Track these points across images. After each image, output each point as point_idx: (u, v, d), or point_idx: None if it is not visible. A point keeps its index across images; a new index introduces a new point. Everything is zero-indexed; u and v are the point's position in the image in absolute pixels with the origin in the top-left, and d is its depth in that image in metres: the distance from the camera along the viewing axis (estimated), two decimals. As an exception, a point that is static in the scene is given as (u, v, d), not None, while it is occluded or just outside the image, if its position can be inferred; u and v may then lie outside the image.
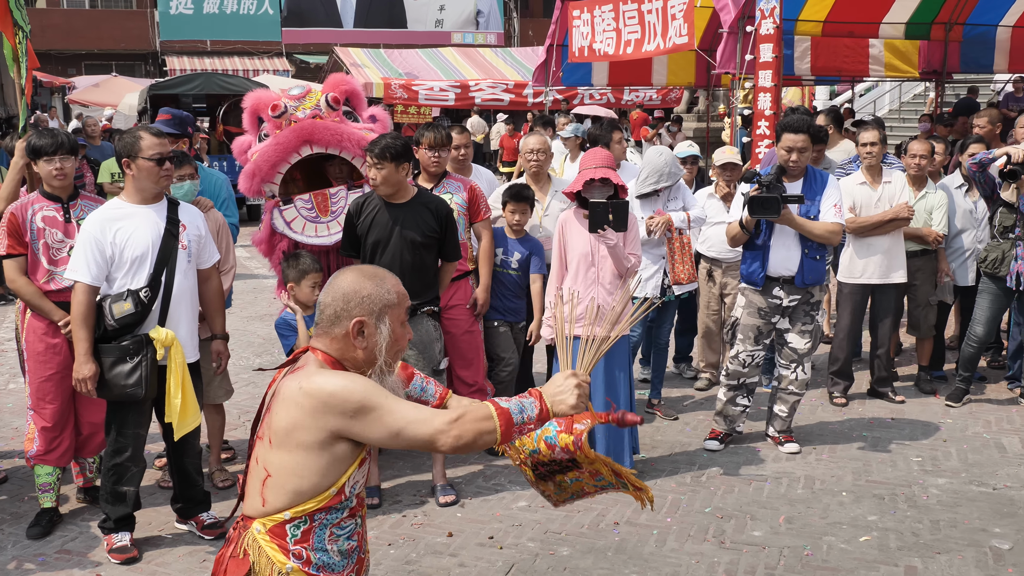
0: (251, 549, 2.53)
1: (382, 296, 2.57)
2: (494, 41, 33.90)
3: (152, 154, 4.50)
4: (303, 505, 2.50)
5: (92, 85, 27.49)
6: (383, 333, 2.56)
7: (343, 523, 2.58)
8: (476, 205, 5.73)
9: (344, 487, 2.54)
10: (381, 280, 2.61)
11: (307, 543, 2.53)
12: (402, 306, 2.63)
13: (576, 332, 5.24)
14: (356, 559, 2.65)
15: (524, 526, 4.94)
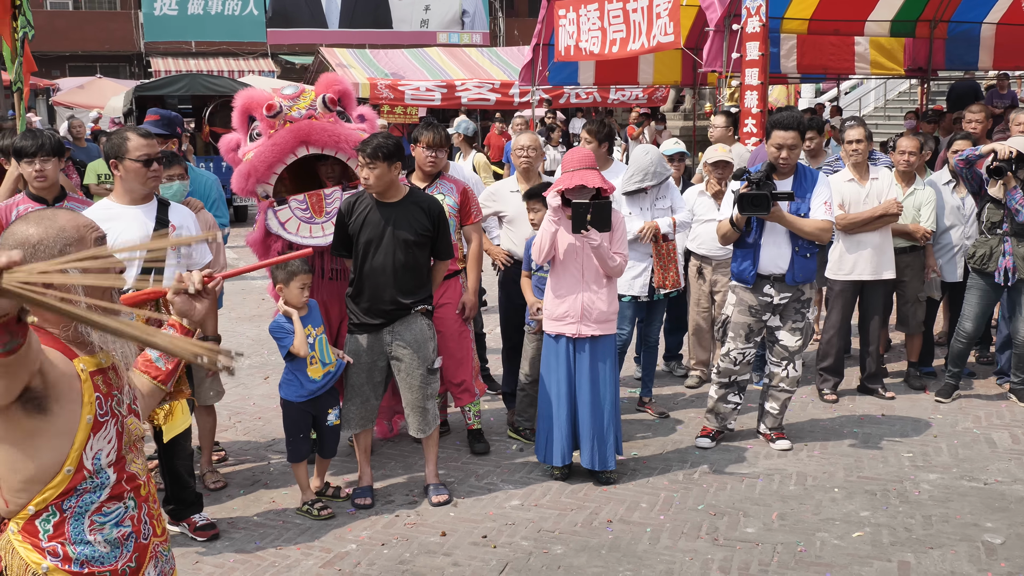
0: (4, 551, 2.28)
1: (57, 237, 2.22)
2: (480, 41, 33.87)
3: (139, 155, 4.49)
4: (42, 494, 2.21)
5: (77, 87, 27.34)
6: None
7: (105, 508, 2.29)
8: (468, 207, 5.73)
9: (83, 462, 2.22)
10: (50, 220, 2.25)
11: (62, 537, 2.25)
12: (86, 239, 2.26)
13: (562, 331, 5.31)
14: (134, 546, 2.35)
15: (517, 525, 4.94)
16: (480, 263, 5.85)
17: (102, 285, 1.96)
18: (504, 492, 5.36)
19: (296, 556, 4.65)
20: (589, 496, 5.28)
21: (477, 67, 24.77)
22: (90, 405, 2.22)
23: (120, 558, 2.31)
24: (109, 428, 2.28)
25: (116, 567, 2.30)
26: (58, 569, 2.25)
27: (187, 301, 2.52)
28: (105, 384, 2.29)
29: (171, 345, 1.87)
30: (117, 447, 2.31)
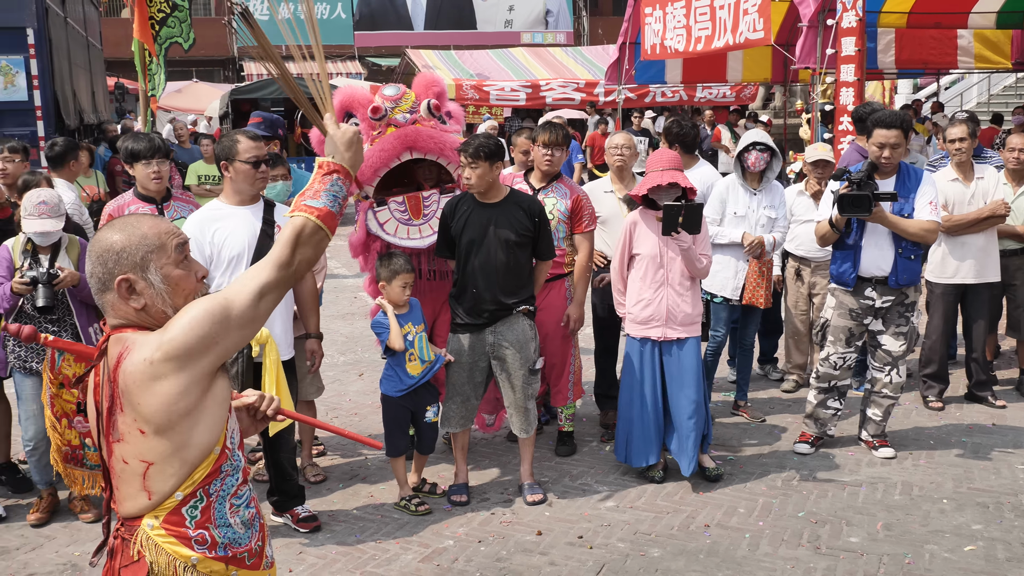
0: (147, 549, 2.28)
1: (138, 244, 2.27)
2: (563, 40, 33.87)
3: (248, 157, 4.60)
4: (192, 476, 2.27)
5: (175, 91, 28.08)
6: (155, 282, 2.27)
7: (240, 491, 2.38)
8: (580, 214, 5.70)
9: (226, 441, 2.31)
10: (133, 227, 2.29)
11: (209, 521, 2.31)
12: (167, 245, 2.30)
13: (647, 334, 5.28)
14: (259, 527, 2.45)
15: (613, 526, 4.92)
16: (589, 273, 5.79)
17: None
18: (599, 493, 5.34)
19: (395, 550, 4.71)
20: (685, 500, 5.23)
21: (561, 67, 24.76)
22: (225, 380, 2.33)
23: (252, 538, 2.40)
24: (234, 411, 2.41)
25: (251, 546, 2.40)
26: (206, 558, 2.31)
27: (247, 420, 2.59)
28: None
29: None
30: (240, 431, 2.45)
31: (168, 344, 2.16)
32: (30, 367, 4.94)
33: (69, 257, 4.97)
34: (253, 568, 2.39)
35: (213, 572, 2.31)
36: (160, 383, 2.17)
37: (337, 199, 2.36)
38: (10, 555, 4.71)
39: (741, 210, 6.24)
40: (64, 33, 11.54)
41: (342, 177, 2.40)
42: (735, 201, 6.27)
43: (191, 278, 2.33)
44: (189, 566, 2.29)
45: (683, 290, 5.28)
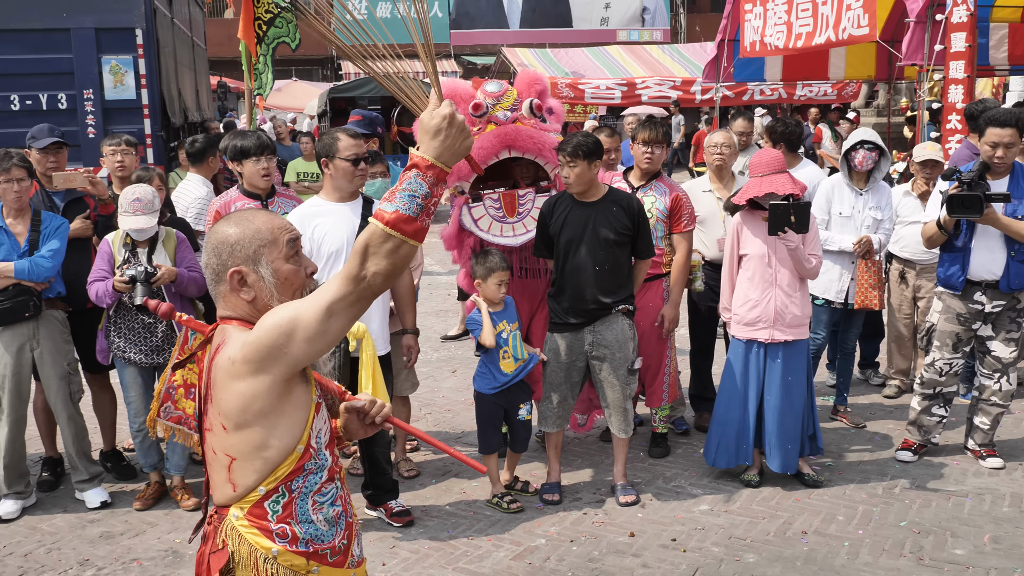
0: (230, 539, 2.34)
1: (251, 237, 2.31)
2: (660, 38, 33.53)
3: (348, 155, 4.67)
4: (275, 473, 2.30)
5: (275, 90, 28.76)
6: (266, 276, 2.31)
7: (324, 488, 2.38)
8: (679, 213, 5.64)
9: (310, 441, 2.33)
10: (248, 220, 2.34)
11: (291, 517, 2.34)
12: (279, 241, 2.34)
13: (753, 336, 5.18)
14: (345, 525, 2.44)
15: (707, 530, 4.85)
16: (687, 273, 5.72)
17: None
18: (694, 496, 5.27)
19: (487, 547, 4.72)
20: (782, 505, 5.13)
21: (658, 64, 24.53)
22: (314, 386, 2.37)
23: (336, 536, 2.40)
24: (323, 410, 2.41)
25: (334, 544, 2.40)
26: (287, 551, 2.33)
27: (356, 423, 2.59)
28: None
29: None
30: (331, 428, 2.45)
31: (247, 347, 2.20)
32: (128, 357, 5.10)
33: (166, 250, 5.12)
34: (336, 566, 2.40)
35: (293, 566, 2.34)
36: (238, 383, 2.23)
37: (415, 198, 2.13)
38: (115, 540, 4.88)
39: (847, 210, 6.09)
40: (171, 33, 11.89)
41: (422, 172, 2.17)
42: (840, 201, 6.12)
43: (300, 274, 2.36)
44: (269, 558, 2.32)
45: (792, 291, 5.17)
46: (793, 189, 5.00)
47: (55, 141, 5.39)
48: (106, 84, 9.97)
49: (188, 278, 5.11)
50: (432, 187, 2.16)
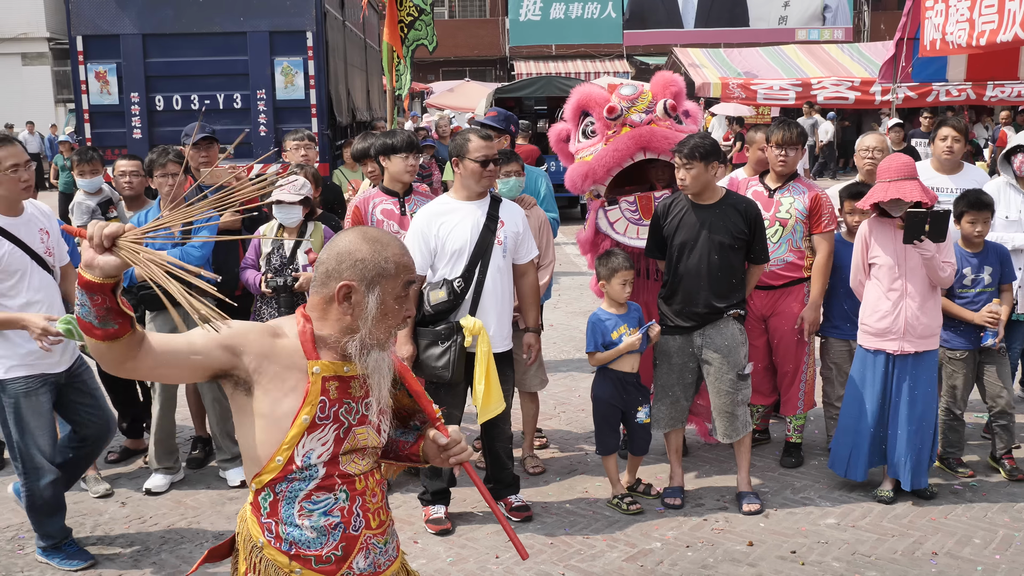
0: (240, 520, 2.50)
1: (378, 263, 2.35)
2: (841, 37, 32.36)
3: (478, 156, 4.78)
4: (259, 476, 2.38)
5: (447, 90, 29.52)
6: (371, 303, 2.34)
7: (314, 496, 2.40)
8: (819, 213, 5.49)
9: (294, 457, 2.36)
10: (382, 246, 2.38)
11: (276, 516, 2.40)
12: (399, 279, 2.38)
13: (882, 347, 4.97)
14: (341, 536, 2.43)
15: (830, 544, 4.70)
16: (827, 275, 5.54)
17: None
18: (820, 508, 5.12)
19: (601, 547, 4.74)
20: (914, 523, 4.91)
21: (836, 64, 23.69)
22: (311, 406, 2.36)
23: (325, 545, 2.41)
24: (327, 432, 2.39)
25: (320, 553, 2.41)
26: (269, 546, 2.41)
27: (434, 451, 2.61)
28: (339, 391, 2.41)
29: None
30: (333, 451, 2.41)
31: None
32: None
33: (313, 244, 5.37)
34: (323, 573, 2.42)
35: (276, 561, 2.42)
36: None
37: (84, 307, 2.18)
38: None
39: (1013, 214, 5.79)
40: (341, 36, 12.41)
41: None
42: (1007, 204, 5.82)
43: (400, 315, 2.41)
44: (256, 546, 2.43)
45: (924, 301, 4.95)
46: (922, 197, 4.77)
47: (205, 136, 5.75)
48: (277, 84, 10.53)
49: None
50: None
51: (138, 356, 2.25)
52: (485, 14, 37.35)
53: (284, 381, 2.36)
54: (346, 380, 2.42)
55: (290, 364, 2.37)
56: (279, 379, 2.36)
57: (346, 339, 2.38)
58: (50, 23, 30.28)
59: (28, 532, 5.03)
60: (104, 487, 5.51)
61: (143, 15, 10.48)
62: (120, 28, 10.47)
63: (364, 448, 2.48)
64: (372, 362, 2.38)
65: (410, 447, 2.66)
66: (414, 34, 8.40)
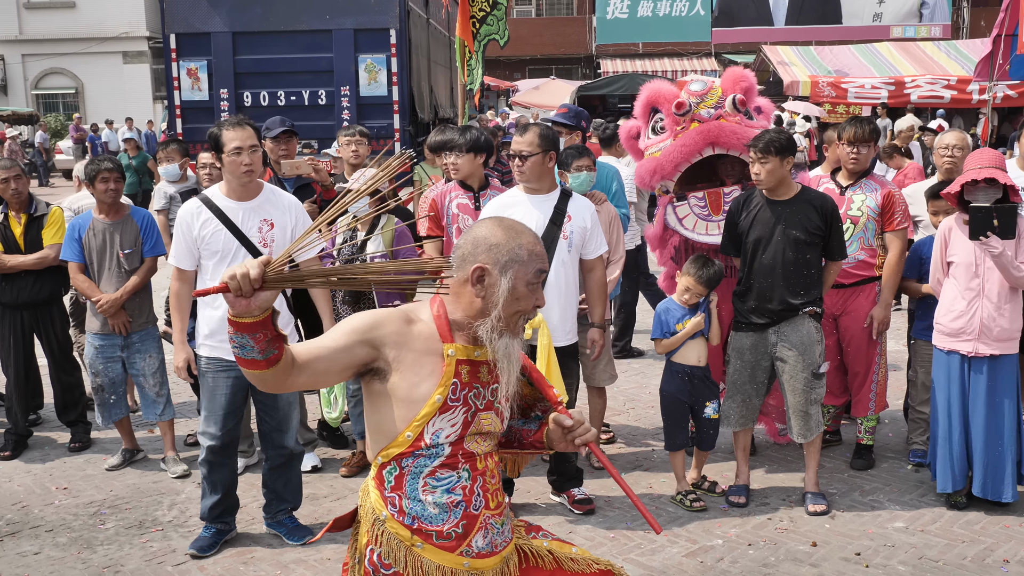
0: (362, 493, 2.59)
1: (511, 249, 2.46)
2: (939, 34, 31.43)
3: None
4: (387, 448, 2.49)
5: (532, 88, 29.63)
6: (502, 287, 2.44)
7: (438, 473, 2.49)
8: (891, 211, 5.40)
9: (423, 434, 2.46)
10: (517, 233, 2.50)
11: (400, 490, 2.49)
12: (531, 266, 2.48)
13: (956, 347, 4.85)
14: (463, 514, 2.51)
15: (897, 548, 4.62)
16: (899, 275, 5.45)
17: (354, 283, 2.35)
18: (888, 511, 5.03)
19: (662, 542, 4.74)
20: (986, 530, 4.79)
21: (931, 62, 23.06)
22: (444, 387, 2.47)
23: (447, 522, 2.50)
24: (456, 414, 2.49)
25: (442, 529, 2.50)
26: (392, 519, 2.51)
27: (558, 435, 2.66)
28: (470, 375, 2.51)
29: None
30: (460, 432, 2.51)
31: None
32: None
33: (383, 237, 5.47)
34: (444, 549, 2.50)
35: (398, 534, 2.51)
36: None
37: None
38: (318, 502, 5.30)
39: None
40: (425, 33, 12.59)
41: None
42: None
43: (531, 301, 2.50)
44: (379, 519, 2.52)
45: (1001, 302, 4.82)
46: (1010, 181, 4.65)
47: (285, 130, 5.89)
48: (361, 81, 10.74)
49: None
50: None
51: (293, 372, 2.37)
52: (572, 12, 37.34)
53: (422, 367, 2.46)
54: (476, 365, 2.52)
55: (426, 349, 2.48)
56: (417, 365, 2.46)
57: (478, 323, 2.48)
58: (150, 22, 31.34)
59: (109, 508, 5.26)
60: (182, 468, 5.72)
61: (233, 14, 10.80)
62: (211, 26, 10.80)
63: (487, 432, 2.58)
64: (502, 347, 2.48)
65: (533, 435, 2.74)
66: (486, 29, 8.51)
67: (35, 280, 6.04)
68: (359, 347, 2.43)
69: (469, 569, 2.52)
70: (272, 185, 4.83)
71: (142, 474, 5.78)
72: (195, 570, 4.59)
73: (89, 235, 5.66)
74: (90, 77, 32.64)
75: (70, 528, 5.04)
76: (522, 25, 36.34)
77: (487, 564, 2.57)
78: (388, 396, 2.47)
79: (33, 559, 4.72)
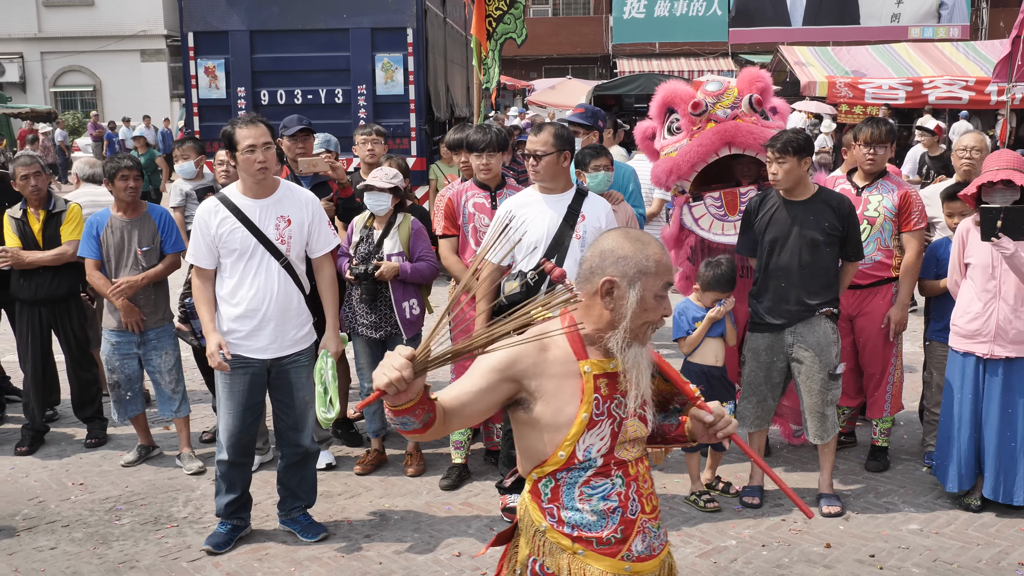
0: (520, 507, 2.64)
1: (639, 261, 2.47)
2: (957, 35, 31.28)
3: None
4: (540, 467, 2.53)
5: (548, 87, 29.58)
6: (631, 298, 2.45)
7: (592, 482, 2.52)
8: (908, 211, 5.39)
9: (575, 452, 2.49)
10: (643, 245, 2.50)
11: (557, 501, 2.54)
12: (660, 277, 2.49)
13: (971, 349, 4.83)
14: (620, 520, 2.54)
15: (911, 550, 4.60)
16: (916, 275, 5.44)
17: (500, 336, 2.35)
18: (903, 514, 5.01)
19: (675, 542, 4.73)
20: (1001, 533, 4.76)
21: (950, 63, 22.92)
22: (587, 405, 2.50)
23: (606, 528, 2.53)
24: (603, 427, 2.52)
25: (601, 535, 2.54)
26: (553, 529, 2.56)
27: (700, 429, 2.68)
28: (608, 387, 2.53)
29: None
30: (610, 444, 2.54)
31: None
32: (356, 328, 5.51)
33: (399, 236, 5.48)
34: (604, 555, 2.54)
35: (559, 543, 2.55)
36: None
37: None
38: (332, 499, 5.32)
39: None
40: (442, 32, 12.59)
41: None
42: None
43: (658, 312, 2.51)
44: (539, 530, 2.57)
45: (1018, 304, 4.79)
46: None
47: (302, 128, 5.90)
48: (378, 80, 10.74)
49: (412, 271, 5.44)
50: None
51: (446, 422, 2.45)
52: (589, 12, 37.29)
53: (563, 391, 2.51)
54: (613, 376, 2.54)
55: (564, 373, 2.51)
56: (558, 391, 2.50)
57: (608, 335, 2.51)
58: (167, 21, 31.48)
59: (125, 504, 5.30)
60: (197, 464, 5.75)
61: (251, 12, 10.82)
62: (229, 25, 10.83)
63: (635, 439, 2.61)
64: (631, 357, 2.50)
65: (675, 430, 2.78)
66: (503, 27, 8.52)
67: (53, 276, 6.08)
68: (501, 385, 2.49)
69: (631, 573, 2.56)
70: (288, 182, 4.84)
71: (158, 470, 5.81)
72: (210, 566, 4.61)
73: (107, 232, 5.70)
74: (108, 75, 32.81)
75: (86, 523, 5.08)
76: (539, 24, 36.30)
77: (647, 567, 2.61)
78: (535, 423, 2.52)
79: (49, 554, 4.76)
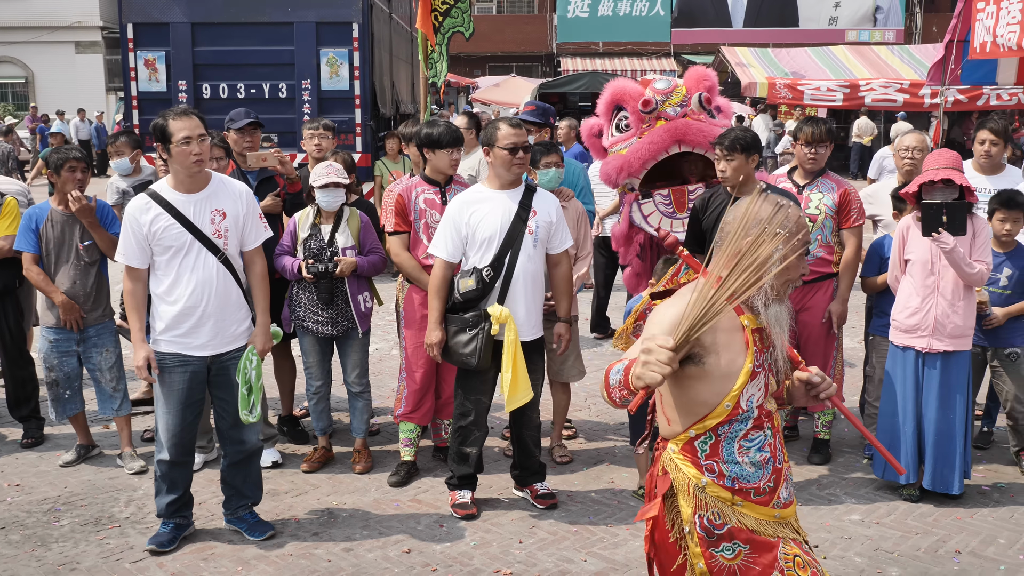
0: (669, 467, 2.75)
1: (784, 222, 2.60)
2: (892, 39, 31.96)
3: (507, 143, 4.82)
4: (703, 421, 2.68)
5: (492, 85, 29.60)
6: (774, 259, 2.57)
7: (750, 435, 2.69)
8: (847, 209, 5.50)
9: (740, 402, 2.65)
10: (783, 208, 2.63)
11: (717, 457, 2.69)
12: (794, 239, 2.62)
13: (911, 343, 4.95)
14: (772, 470, 2.73)
15: (853, 540, 4.70)
16: (855, 271, 5.57)
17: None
18: (845, 505, 5.11)
19: (624, 535, 4.77)
20: (939, 522, 4.88)
21: (885, 66, 23.43)
22: (751, 355, 2.67)
23: (762, 478, 2.72)
24: (760, 378, 2.70)
25: (759, 485, 2.72)
26: (713, 484, 2.71)
27: (800, 392, 2.79)
28: (761, 341, 2.71)
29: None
30: (764, 394, 2.72)
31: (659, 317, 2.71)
32: (307, 326, 5.47)
33: (349, 229, 5.44)
34: (759, 503, 2.73)
35: (720, 497, 2.71)
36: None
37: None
38: (279, 497, 5.27)
39: None
40: (388, 28, 12.53)
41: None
42: None
43: (797, 270, 2.68)
44: (699, 486, 2.72)
45: (955, 299, 4.92)
46: (967, 182, 4.76)
47: (250, 122, 5.83)
48: (322, 75, 10.67)
49: (367, 265, 5.43)
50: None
51: None
52: (533, 10, 37.37)
53: (733, 342, 2.66)
54: (761, 332, 2.71)
55: (732, 327, 2.67)
56: (729, 342, 2.66)
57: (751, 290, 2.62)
58: (104, 12, 30.83)
59: (64, 505, 5.19)
60: (139, 463, 5.65)
61: (193, 4, 10.67)
62: (170, 16, 10.67)
63: (773, 392, 2.79)
64: (774, 314, 2.66)
65: (775, 392, 2.86)
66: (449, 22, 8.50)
67: (-13, 272, 5.92)
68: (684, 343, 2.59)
69: (779, 519, 2.76)
70: (220, 174, 4.73)
71: (98, 470, 5.70)
72: (154, 567, 4.53)
73: (47, 226, 5.56)
74: (41, 67, 32.01)
75: (23, 525, 4.96)
76: (483, 22, 36.22)
77: (789, 513, 2.81)
78: (704, 376, 2.65)
79: (-13, 555, 4.64)
